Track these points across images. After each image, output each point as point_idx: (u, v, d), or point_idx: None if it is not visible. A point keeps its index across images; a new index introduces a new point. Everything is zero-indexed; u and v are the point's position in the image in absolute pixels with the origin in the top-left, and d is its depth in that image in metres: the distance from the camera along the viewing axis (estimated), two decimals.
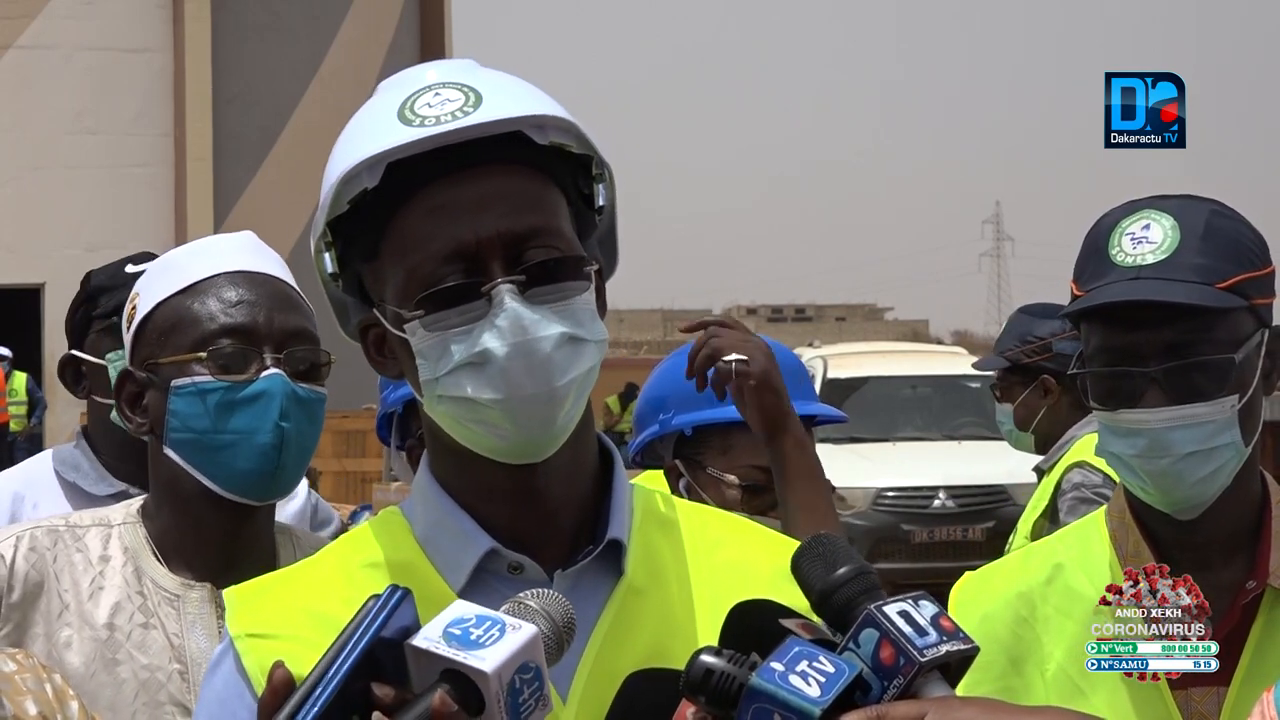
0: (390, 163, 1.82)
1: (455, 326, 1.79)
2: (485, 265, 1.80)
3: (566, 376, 1.80)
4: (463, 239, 1.80)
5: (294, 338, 2.53)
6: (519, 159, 1.83)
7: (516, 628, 1.60)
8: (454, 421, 1.83)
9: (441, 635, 1.59)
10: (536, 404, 1.79)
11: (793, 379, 3.16)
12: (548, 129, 1.84)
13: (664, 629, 1.84)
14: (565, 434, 1.83)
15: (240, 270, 2.56)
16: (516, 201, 1.81)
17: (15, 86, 22.02)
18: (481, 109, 1.81)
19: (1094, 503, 4.65)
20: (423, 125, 1.80)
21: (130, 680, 2.46)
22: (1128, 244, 2.33)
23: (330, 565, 1.91)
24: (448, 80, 1.86)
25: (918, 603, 1.62)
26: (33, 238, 21.87)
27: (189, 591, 2.51)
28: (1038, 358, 5.26)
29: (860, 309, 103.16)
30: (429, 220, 1.81)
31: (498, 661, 1.57)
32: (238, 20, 22.92)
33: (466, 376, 1.79)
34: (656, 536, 1.91)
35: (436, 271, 1.80)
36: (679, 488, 3.17)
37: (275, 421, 2.48)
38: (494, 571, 1.85)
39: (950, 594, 2.44)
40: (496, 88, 1.85)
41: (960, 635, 1.62)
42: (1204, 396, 2.28)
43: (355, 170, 1.82)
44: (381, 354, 1.90)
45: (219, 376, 2.50)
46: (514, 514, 1.86)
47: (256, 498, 2.51)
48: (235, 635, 1.86)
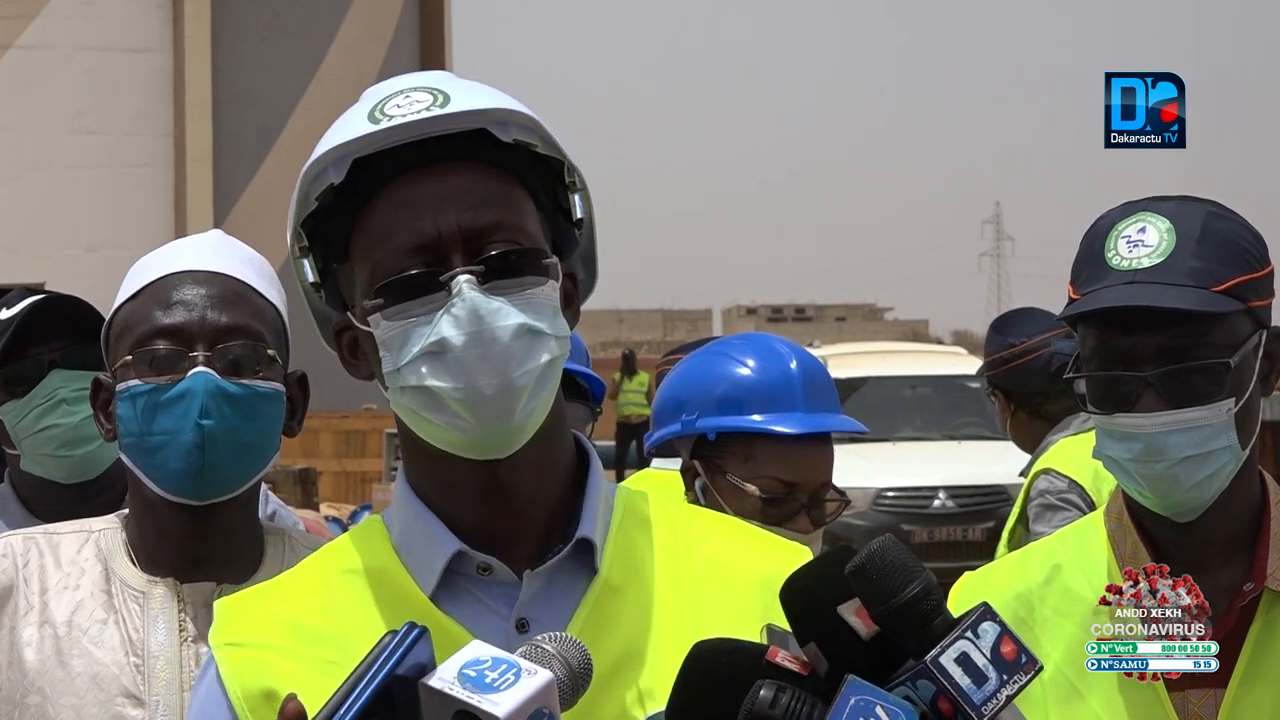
0: (357, 160, 1.85)
1: (415, 316, 1.81)
2: (446, 258, 1.82)
3: (524, 367, 1.80)
4: (424, 232, 1.82)
5: (228, 334, 2.51)
6: (482, 157, 1.85)
7: (532, 673, 1.60)
8: (415, 415, 1.84)
9: (456, 676, 1.59)
10: (494, 394, 1.80)
11: (825, 391, 3.16)
12: (511, 126, 1.87)
13: (641, 627, 1.85)
14: (527, 429, 1.83)
15: (188, 270, 2.55)
16: (478, 196, 1.84)
17: (15, 86, 22.02)
18: (447, 107, 1.84)
19: (1059, 509, 4.69)
20: (390, 122, 1.83)
21: (83, 674, 2.47)
22: (1123, 247, 2.32)
23: (309, 574, 1.93)
24: (421, 85, 1.89)
25: (978, 632, 1.60)
26: (33, 238, 21.87)
27: (153, 588, 2.52)
28: (990, 372, 5.34)
29: (860, 309, 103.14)
30: (392, 214, 1.83)
31: (511, 707, 1.57)
32: (238, 20, 22.91)
33: (425, 365, 1.81)
34: (637, 535, 1.92)
35: (399, 263, 1.82)
36: (694, 488, 3.17)
37: (195, 420, 2.47)
38: (463, 573, 1.86)
39: (949, 594, 2.44)
40: (465, 90, 1.88)
41: (1022, 662, 1.60)
42: (1200, 400, 2.28)
43: (321, 164, 1.86)
44: (354, 356, 1.92)
45: (148, 379, 2.50)
46: (482, 513, 1.86)
47: (194, 497, 2.50)
48: (215, 645, 1.89)
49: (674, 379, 3.30)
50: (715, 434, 3.15)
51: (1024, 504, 4.94)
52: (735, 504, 3.07)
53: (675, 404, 3.23)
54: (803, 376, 3.15)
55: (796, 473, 3.09)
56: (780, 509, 3.06)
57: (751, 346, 3.24)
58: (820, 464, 3.12)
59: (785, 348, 3.22)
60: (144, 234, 20.76)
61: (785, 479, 3.07)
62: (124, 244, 20.01)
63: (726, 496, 3.09)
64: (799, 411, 3.11)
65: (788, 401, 3.11)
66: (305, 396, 2.63)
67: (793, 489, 3.08)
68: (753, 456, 3.11)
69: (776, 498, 3.08)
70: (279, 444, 2.58)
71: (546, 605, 1.84)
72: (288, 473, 14.38)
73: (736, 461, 3.13)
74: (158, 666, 2.48)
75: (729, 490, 3.11)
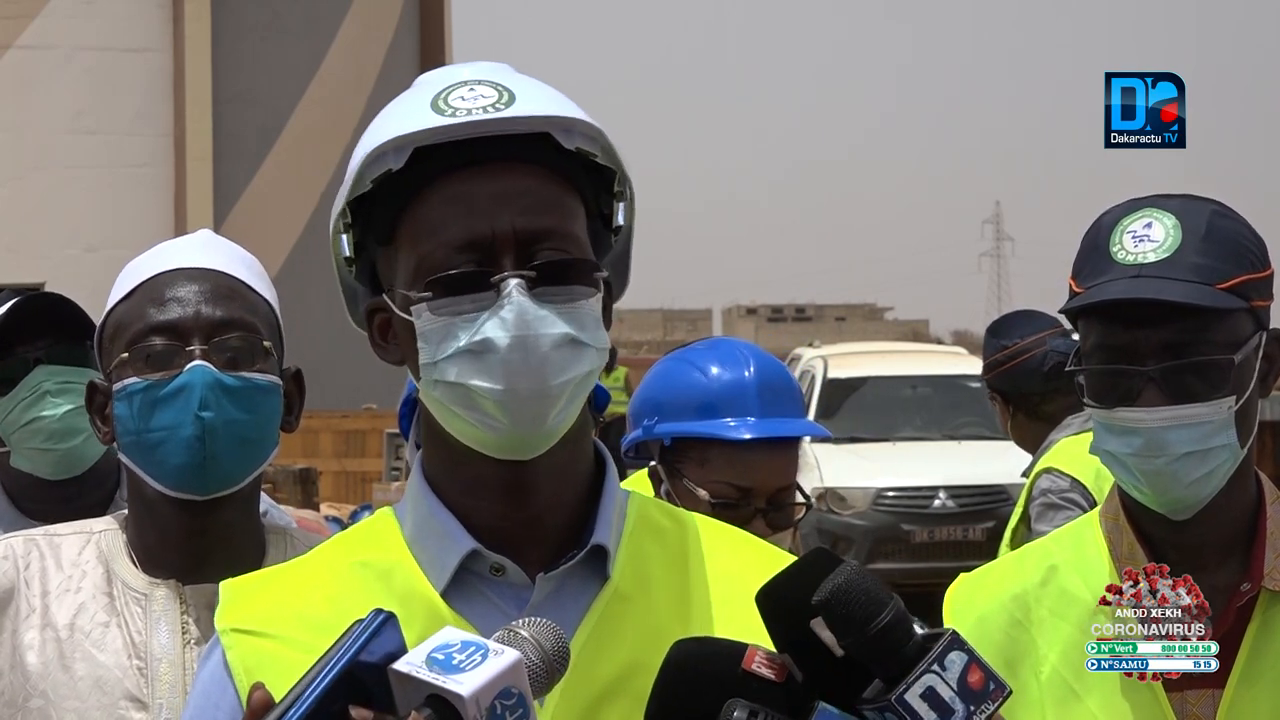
0: (417, 149, 1.84)
1: (461, 313, 1.81)
2: (497, 258, 1.82)
3: (563, 376, 1.81)
4: (478, 230, 1.82)
5: (223, 327, 2.51)
6: (542, 160, 1.85)
7: (499, 653, 1.61)
8: (446, 409, 1.84)
9: (425, 660, 1.60)
10: (530, 399, 1.80)
11: (784, 395, 3.18)
12: (575, 134, 1.86)
13: (647, 636, 1.84)
14: (556, 434, 1.84)
15: (180, 268, 2.55)
16: (534, 200, 1.84)
17: (15, 86, 22.00)
18: (514, 107, 1.84)
19: (1061, 508, 4.70)
20: (454, 116, 1.83)
21: (86, 678, 2.47)
22: (1129, 242, 2.33)
23: (320, 564, 1.92)
24: (484, 78, 1.88)
25: (944, 663, 1.61)
26: (33, 238, 21.85)
27: (155, 589, 2.52)
28: (986, 376, 5.38)
29: (860, 309, 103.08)
30: (447, 208, 1.83)
31: (475, 685, 1.58)
32: (238, 20, 22.90)
33: (465, 362, 1.81)
34: (648, 543, 1.92)
35: (449, 259, 1.82)
36: (660, 492, 3.20)
37: (195, 413, 2.46)
38: (477, 572, 1.86)
39: (945, 596, 2.44)
40: (529, 89, 1.88)
41: (989, 690, 1.61)
42: (1201, 397, 2.28)
43: (382, 149, 1.84)
44: (385, 339, 1.91)
45: (145, 376, 2.49)
46: (501, 513, 1.86)
47: (197, 492, 2.49)
48: (222, 630, 1.88)
49: (643, 384, 3.34)
50: (671, 439, 3.19)
51: (1026, 503, 4.95)
52: (690, 508, 3.08)
53: (642, 409, 3.27)
54: (759, 382, 3.17)
55: (749, 477, 3.11)
56: (734, 514, 3.06)
57: (714, 352, 3.27)
58: (776, 468, 3.15)
59: (745, 353, 3.25)
60: (144, 234, 20.73)
61: (738, 484, 3.10)
62: (124, 244, 19.98)
63: (684, 500, 3.11)
64: (753, 417, 3.13)
65: (743, 407, 3.14)
66: (301, 392, 2.62)
67: (746, 494, 3.11)
68: (707, 461, 3.14)
69: (729, 502, 3.10)
70: (278, 438, 2.57)
71: (556, 609, 1.83)
72: (288, 472, 14.36)
73: (692, 466, 3.16)
74: (160, 669, 2.47)
75: (685, 494, 3.14)
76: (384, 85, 22.22)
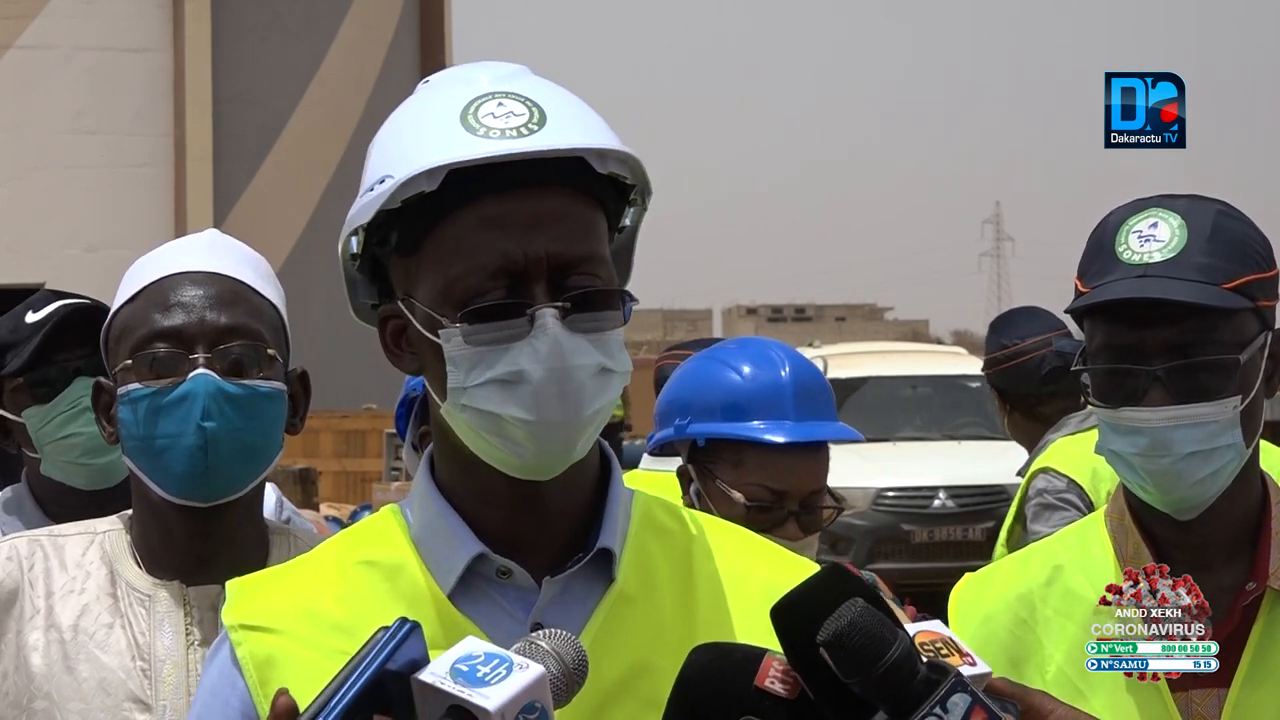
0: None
1: (494, 341, 1.81)
2: (529, 285, 1.81)
3: (594, 406, 1.82)
4: (511, 255, 1.81)
5: (227, 334, 2.50)
6: (573, 183, 1.84)
7: (524, 667, 1.61)
8: (472, 431, 1.84)
9: (449, 671, 1.61)
10: (561, 429, 1.81)
11: (819, 399, 3.16)
12: (608, 159, 1.86)
13: (652, 637, 1.85)
14: (579, 458, 1.85)
15: (185, 271, 2.55)
16: (568, 226, 1.83)
17: (15, 86, 22.00)
18: (547, 128, 1.83)
19: (1058, 508, 4.69)
20: (488, 136, 1.82)
21: (90, 679, 2.47)
22: (1135, 241, 2.33)
23: (327, 561, 1.92)
24: (509, 90, 1.86)
25: (946, 706, 1.61)
26: (33, 238, 21.84)
27: (159, 591, 2.52)
28: (986, 372, 5.39)
29: (860, 309, 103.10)
30: (480, 232, 1.82)
31: (501, 700, 1.58)
32: (238, 20, 22.89)
33: (497, 392, 1.81)
34: (652, 544, 1.92)
35: (481, 285, 1.81)
36: (689, 492, 3.18)
37: (197, 423, 2.46)
38: (483, 574, 1.86)
39: (950, 596, 2.44)
40: (558, 105, 1.86)
41: None
42: (1207, 396, 2.28)
43: (419, 175, 1.82)
44: (399, 346, 1.91)
45: (149, 382, 2.49)
46: (510, 519, 1.87)
47: (200, 500, 2.50)
48: (230, 625, 1.88)
49: (673, 382, 3.31)
50: (705, 440, 3.16)
51: (1021, 503, 4.95)
52: (724, 510, 3.08)
53: (672, 407, 3.25)
54: (794, 384, 3.15)
55: (784, 481, 3.10)
56: (767, 516, 3.06)
57: (746, 352, 3.25)
58: (810, 472, 3.13)
59: (780, 353, 3.23)
60: (144, 234, 20.73)
61: (773, 487, 3.09)
62: (124, 244, 19.98)
63: (716, 502, 3.11)
64: (789, 420, 3.12)
65: (778, 409, 3.12)
66: (307, 394, 2.62)
67: (781, 497, 3.09)
68: (741, 463, 3.12)
69: (763, 505, 3.09)
70: (281, 443, 2.57)
71: (562, 611, 1.84)
72: (288, 472, 14.35)
73: (726, 468, 3.14)
74: (164, 671, 2.47)
75: (718, 496, 3.13)
76: (384, 85, 22.22)
